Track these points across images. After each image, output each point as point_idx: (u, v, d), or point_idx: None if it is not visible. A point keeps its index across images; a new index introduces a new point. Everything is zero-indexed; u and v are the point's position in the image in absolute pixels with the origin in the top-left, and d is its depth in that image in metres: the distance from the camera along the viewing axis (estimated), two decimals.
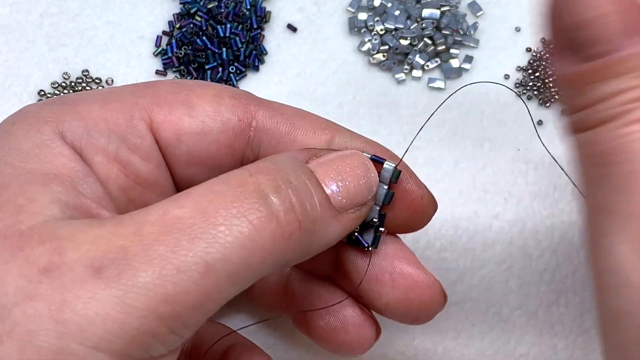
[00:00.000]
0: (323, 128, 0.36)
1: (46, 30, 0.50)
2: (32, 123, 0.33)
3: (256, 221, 0.29)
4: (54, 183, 0.31)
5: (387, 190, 0.35)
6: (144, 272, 0.28)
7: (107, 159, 0.33)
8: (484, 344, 0.46)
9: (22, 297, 0.27)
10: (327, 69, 0.51)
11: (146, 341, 0.28)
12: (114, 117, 0.34)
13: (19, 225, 0.29)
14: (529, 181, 0.48)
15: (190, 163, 0.35)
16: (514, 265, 0.47)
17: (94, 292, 0.27)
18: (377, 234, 0.36)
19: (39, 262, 0.28)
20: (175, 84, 0.36)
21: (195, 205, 0.29)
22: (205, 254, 0.28)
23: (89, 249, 0.28)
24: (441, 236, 0.47)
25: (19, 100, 0.49)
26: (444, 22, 0.51)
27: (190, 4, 0.51)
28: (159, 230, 0.28)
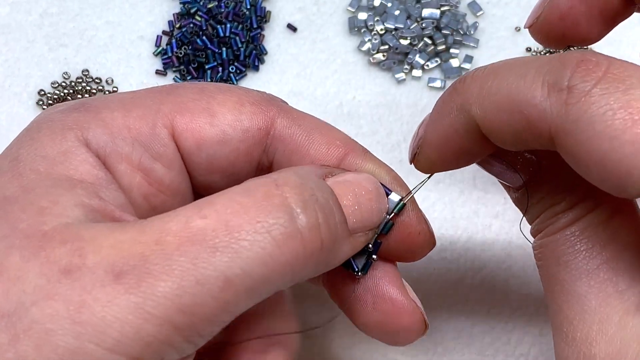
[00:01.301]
0: (338, 145, 0.36)
1: (46, 30, 0.50)
2: (57, 130, 0.33)
3: (279, 237, 0.29)
4: (78, 188, 0.31)
5: (388, 220, 0.35)
6: (163, 281, 0.28)
7: (130, 167, 0.33)
8: (484, 344, 0.46)
9: (41, 296, 0.27)
10: (327, 69, 0.51)
11: (161, 348, 0.28)
12: (137, 125, 0.34)
13: (41, 225, 0.29)
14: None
15: (209, 171, 0.35)
16: (514, 265, 0.47)
17: (113, 296, 0.27)
18: (368, 261, 0.35)
19: (59, 263, 0.28)
20: (197, 89, 0.36)
21: (219, 217, 0.29)
22: (226, 268, 0.28)
23: (109, 253, 0.28)
24: (441, 236, 0.47)
25: (19, 100, 0.49)
26: (444, 22, 0.51)
27: (190, 4, 0.51)
28: (181, 241, 0.28)
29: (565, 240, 0.33)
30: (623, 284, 0.31)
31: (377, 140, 0.49)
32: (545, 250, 0.34)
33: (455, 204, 0.48)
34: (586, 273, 0.32)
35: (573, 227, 0.32)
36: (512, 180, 0.35)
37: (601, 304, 0.31)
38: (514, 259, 0.47)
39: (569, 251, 0.32)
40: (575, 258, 0.32)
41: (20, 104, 0.49)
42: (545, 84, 0.29)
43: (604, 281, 0.31)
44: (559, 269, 0.32)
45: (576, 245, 0.32)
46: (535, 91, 0.29)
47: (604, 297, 0.31)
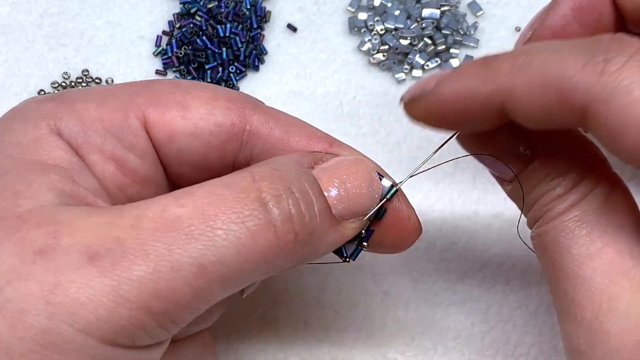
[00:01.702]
0: (319, 137, 0.36)
1: (46, 30, 0.50)
2: (30, 119, 0.33)
3: (253, 228, 0.30)
4: (51, 172, 0.31)
5: (380, 206, 0.35)
6: (138, 266, 0.28)
7: (103, 157, 0.34)
8: (484, 344, 0.46)
9: (15, 276, 0.28)
10: (327, 69, 0.51)
11: (134, 332, 0.28)
12: (110, 116, 0.34)
13: (16, 208, 0.29)
14: None
15: (181, 163, 0.35)
16: (514, 265, 0.47)
17: (87, 278, 0.28)
18: (358, 247, 0.36)
19: (34, 244, 0.28)
20: (172, 84, 0.36)
21: (196, 206, 0.29)
22: (201, 255, 0.29)
23: (85, 236, 0.28)
24: (441, 236, 0.47)
25: (19, 100, 0.49)
26: (444, 22, 0.51)
27: (190, 4, 0.51)
28: (157, 227, 0.29)
29: (564, 227, 0.33)
30: (628, 264, 0.31)
31: (377, 140, 0.49)
32: (544, 238, 0.34)
33: (455, 204, 0.48)
34: (589, 257, 0.32)
35: (571, 213, 0.33)
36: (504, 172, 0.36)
37: (608, 285, 0.31)
38: (514, 259, 0.47)
39: (569, 237, 0.33)
40: (576, 243, 0.32)
41: None
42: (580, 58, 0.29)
43: (608, 263, 0.31)
44: (561, 255, 0.33)
45: (576, 231, 0.33)
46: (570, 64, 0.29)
47: (610, 278, 0.31)
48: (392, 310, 0.46)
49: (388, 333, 0.46)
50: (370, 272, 0.46)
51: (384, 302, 0.46)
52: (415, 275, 0.46)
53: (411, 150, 0.49)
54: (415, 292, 0.46)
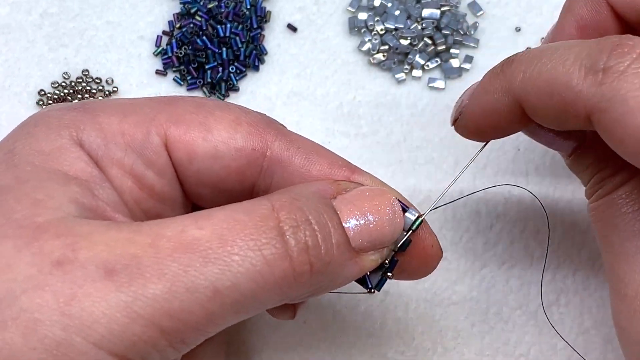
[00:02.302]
0: (340, 166, 0.36)
1: (46, 30, 0.50)
2: (52, 127, 0.33)
3: (270, 257, 0.30)
4: (72, 184, 0.31)
5: (406, 237, 0.35)
6: (154, 284, 0.28)
7: (122, 171, 0.34)
8: (484, 344, 0.46)
9: (31, 286, 0.28)
10: (327, 69, 0.51)
11: (145, 349, 0.28)
12: (131, 131, 0.34)
13: (36, 217, 0.29)
14: (529, 181, 0.48)
15: (199, 184, 0.35)
16: (515, 266, 0.47)
17: (103, 292, 0.28)
18: (383, 278, 0.35)
19: (52, 255, 0.28)
20: (196, 104, 0.36)
21: (214, 230, 0.30)
22: (216, 279, 0.29)
23: (102, 250, 0.29)
24: (442, 236, 0.47)
25: (19, 100, 0.49)
26: (444, 22, 0.51)
27: (190, 4, 0.51)
28: (175, 247, 0.29)
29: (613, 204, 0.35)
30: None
31: (377, 141, 0.49)
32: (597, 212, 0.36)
33: (455, 204, 0.48)
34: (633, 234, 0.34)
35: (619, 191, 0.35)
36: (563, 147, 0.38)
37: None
38: (515, 259, 0.47)
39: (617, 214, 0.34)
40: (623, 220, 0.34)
41: (20, 104, 0.49)
42: (583, 67, 0.31)
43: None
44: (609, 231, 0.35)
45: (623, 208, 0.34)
46: (573, 74, 0.31)
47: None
48: (392, 310, 0.46)
49: (388, 333, 0.46)
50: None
51: (384, 302, 0.46)
52: None
53: (411, 150, 0.49)
54: (415, 292, 0.46)
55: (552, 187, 0.48)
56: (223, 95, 0.50)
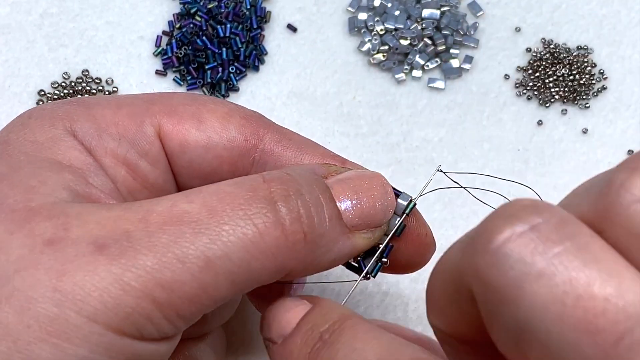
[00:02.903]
0: (332, 157, 0.36)
1: (46, 30, 0.50)
2: (46, 118, 0.34)
3: (261, 225, 0.30)
4: (66, 171, 0.32)
5: (400, 222, 0.35)
6: (144, 255, 0.28)
7: (115, 161, 0.34)
8: None
9: (23, 265, 0.28)
10: (327, 69, 0.51)
11: (140, 321, 0.28)
12: (125, 122, 0.34)
13: (28, 202, 0.30)
14: (529, 181, 0.48)
15: (192, 175, 0.36)
16: None
17: (94, 266, 0.28)
18: (378, 264, 0.35)
19: (43, 235, 0.29)
20: (189, 97, 0.36)
21: (204, 202, 0.30)
22: (207, 249, 0.29)
23: (93, 228, 0.29)
24: (441, 236, 0.46)
25: (19, 100, 0.49)
26: (444, 22, 0.51)
27: (190, 4, 0.51)
28: (165, 220, 0.29)
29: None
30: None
31: (377, 141, 0.49)
32: None
33: (454, 204, 0.48)
34: None
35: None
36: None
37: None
38: None
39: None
40: None
41: (20, 104, 0.49)
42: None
43: None
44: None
45: None
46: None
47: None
48: (392, 310, 0.46)
49: None
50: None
51: (383, 302, 0.46)
52: (415, 276, 0.46)
53: (411, 150, 0.49)
54: (415, 292, 0.46)
55: (552, 187, 0.48)
56: (223, 96, 0.50)
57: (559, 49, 0.51)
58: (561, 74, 0.50)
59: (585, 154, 0.49)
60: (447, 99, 0.50)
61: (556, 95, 0.50)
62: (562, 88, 0.50)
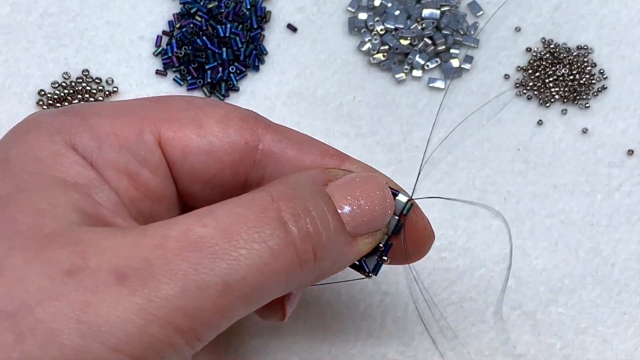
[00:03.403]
0: (331, 155, 0.37)
1: (46, 30, 0.51)
2: (44, 133, 0.33)
3: (275, 247, 0.30)
4: (72, 190, 0.32)
5: (397, 220, 0.36)
6: (166, 285, 0.29)
7: (117, 172, 0.34)
8: (484, 344, 0.46)
9: (45, 296, 0.28)
10: (327, 69, 0.51)
11: (163, 349, 0.29)
12: (124, 131, 0.34)
13: (42, 227, 0.30)
14: (529, 181, 0.48)
15: (194, 180, 0.36)
16: (513, 265, 0.47)
17: (117, 297, 0.28)
18: (379, 262, 0.36)
19: (62, 264, 0.28)
20: (185, 101, 0.36)
21: (218, 226, 0.30)
22: (226, 274, 0.29)
23: (112, 256, 0.29)
24: (440, 236, 0.47)
25: (19, 100, 0.49)
26: (444, 22, 0.51)
27: (190, 4, 0.51)
28: (182, 246, 0.29)
29: None
30: None
31: (377, 141, 0.49)
32: None
33: (454, 204, 0.48)
34: None
35: None
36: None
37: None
38: (513, 258, 0.47)
39: None
40: None
41: (20, 104, 0.49)
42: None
43: None
44: None
45: None
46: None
47: None
48: (392, 310, 0.46)
49: (388, 333, 0.46)
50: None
51: (383, 302, 0.46)
52: (415, 275, 0.46)
53: (411, 150, 0.49)
54: (415, 292, 0.46)
55: (551, 187, 0.48)
56: (223, 96, 0.50)
57: (559, 48, 0.51)
58: (561, 73, 0.50)
59: (585, 154, 0.49)
60: (447, 98, 0.50)
61: (556, 95, 0.50)
62: (562, 88, 0.50)
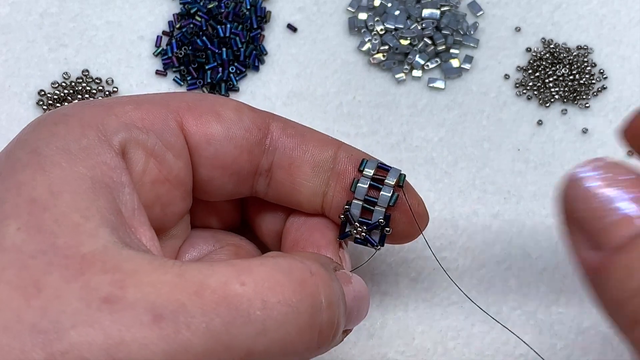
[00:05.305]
0: (330, 142, 0.39)
1: (46, 30, 0.51)
2: (75, 125, 0.34)
3: (304, 326, 0.31)
4: (100, 197, 0.32)
5: (392, 192, 0.38)
6: (198, 338, 0.29)
7: (145, 153, 0.35)
8: (484, 344, 0.46)
9: (80, 321, 0.28)
10: (327, 69, 0.51)
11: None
12: (149, 117, 0.35)
13: (80, 246, 0.29)
14: (529, 181, 0.48)
15: (214, 165, 0.37)
16: (514, 265, 0.47)
17: (150, 340, 0.28)
18: (383, 233, 0.38)
19: (100, 291, 0.28)
20: (199, 95, 0.38)
21: (256, 288, 0.30)
22: (252, 342, 0.30)
23: (150, 292, 0.29)
24: (441, 236, 0.47)
25: (19, 100, 0.49)
26: (444, 22, 0.51)
27: (190, 4, 0.51)
28: (219, 300, 0.30)
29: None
30: None
31: (377, 141, 0.49)
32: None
33: (454, 204, 0.48)
34: None
35: None
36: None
37: None
38: (513, 258, 0.47)
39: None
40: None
41: (20, 104, 0.49)
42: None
43: None
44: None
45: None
46: None
47: None
48: (392, 310, 0.46)
49: (388, 333, 0.46)
50: (370, 272, 0.46)
51: (383, 302, 0.46)
52: (414, 275, 0.46)
53: (410, 150, 0.49)
54: (415, 291, 0.46)
55: (551, 187, 0.48)
56: (223, 96, 0.50)
57: (559, 48, 0.51)
58: (561, 73, 0.50)
59: (585, 154, 0.49)
60: (447, 98, 0.50)
61: (556, 95, 0.50)
62: (562, 88, 0.50)
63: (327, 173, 0.38)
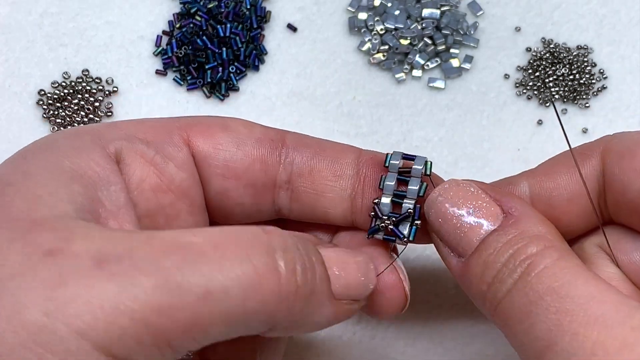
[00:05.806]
0: (350, 148, 0.38)
1: (46, 30, 0.51)
2: (72, 132, 0.35)
3: (261, 269, 0.30)
4: (77, 183, 0.32)
5: (421, 182, 0.37)
6: (146, 277, 0.28)
7: (143, 160, 0.35)
8: (484, 344, 0.46)
9: (19, 271, 0.28)
10: (327, 69, 0.51)
11: (129, 345, 0.28)
12: (152, 131, 0.36)
13: (32, 212, 0.30)
14: None
15: (226, 175, 0.37)
16: None
17: (92, 281, 0.27)
18: (413, 226, 0.37)
19: (44, 245, 0.28)
20: (209, 115, 0.39)
21: (209, 237, 0.30)
22: (207, 280, 0.29)
23: (97, 243, 0.28)
24: None
25: (19, 100, 0.49)
26: (444, 22, 0.51)
27: (190, 4, 0.51)
28: (169, 246, 0.29)
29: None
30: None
31: (377, 140, 0.49)
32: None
33: None
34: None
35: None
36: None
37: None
38: None
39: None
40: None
41: (20, 104, 0.49)
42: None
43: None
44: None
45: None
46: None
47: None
48: None
49: (388, 333, 0.46)
50: None
51: None
52: (414, 276, 0.46)
53: (410, 150, 0.49)
54: (415, 292, 0.46)
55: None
56: (223, 95, 0.50)
57: (559, 48, 0.51)
58: (561, 73, 0.50)
59: None
60: (447, 98, 0.50)
61: (556, 95, 0.50)
62: (562, 88, 0.50)
63: (351, 177, 0.37)
